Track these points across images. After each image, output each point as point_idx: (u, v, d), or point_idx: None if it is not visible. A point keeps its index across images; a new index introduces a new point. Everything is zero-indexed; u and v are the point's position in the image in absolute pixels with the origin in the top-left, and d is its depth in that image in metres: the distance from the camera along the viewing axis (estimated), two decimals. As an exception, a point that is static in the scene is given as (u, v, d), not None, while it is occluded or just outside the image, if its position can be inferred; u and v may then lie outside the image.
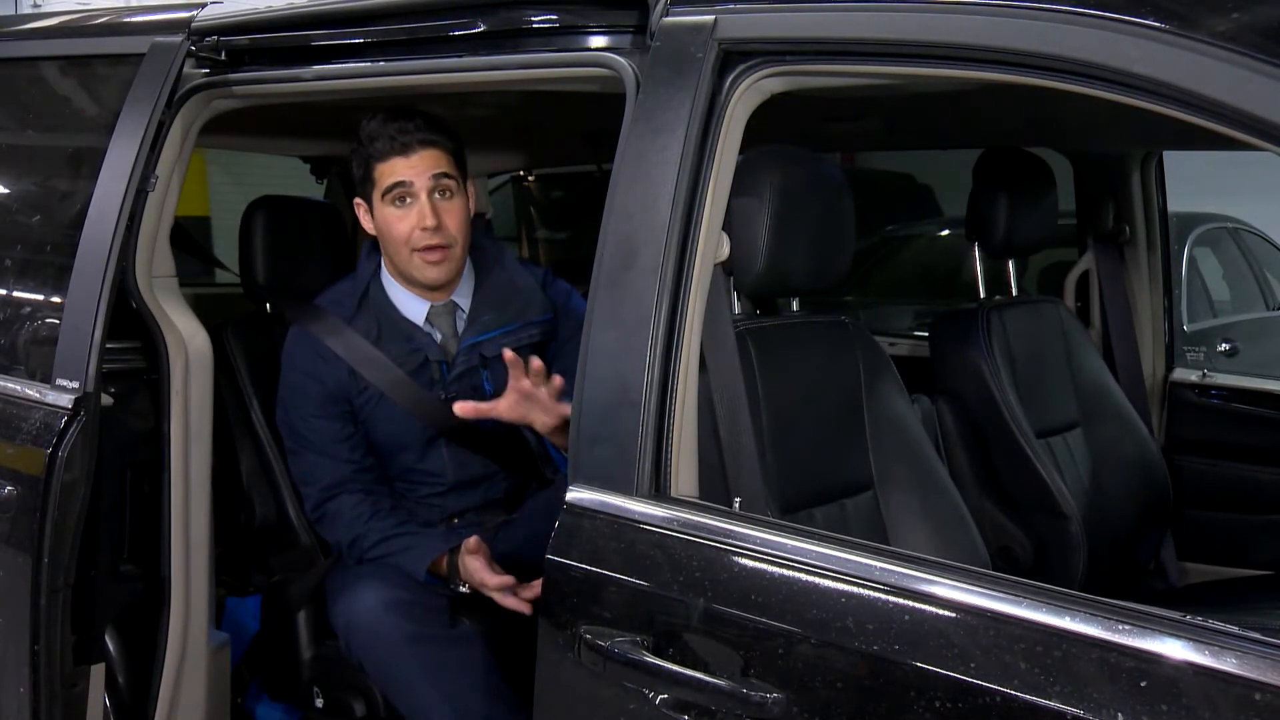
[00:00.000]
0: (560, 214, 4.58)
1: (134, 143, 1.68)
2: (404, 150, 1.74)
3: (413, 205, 1.75)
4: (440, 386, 1.84)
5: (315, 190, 2.92)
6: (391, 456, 1.88)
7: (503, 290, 1.88)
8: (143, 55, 1.73)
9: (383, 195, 1.76)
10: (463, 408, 1.62)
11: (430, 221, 1.74)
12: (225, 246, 2.28)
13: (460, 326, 1.86)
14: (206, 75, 1.70)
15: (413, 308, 1.85)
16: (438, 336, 1.85)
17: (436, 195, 1.76)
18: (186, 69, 1.70)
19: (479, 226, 2.87)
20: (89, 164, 1.75)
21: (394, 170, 1.74)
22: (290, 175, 2.98)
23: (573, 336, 1.88)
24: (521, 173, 3.70)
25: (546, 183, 4.43)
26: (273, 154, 2.81)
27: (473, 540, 1.76)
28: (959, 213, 2.54)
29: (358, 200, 1.83)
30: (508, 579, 1.70)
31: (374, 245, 1.89)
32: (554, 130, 2.44)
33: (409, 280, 1.82)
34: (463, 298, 1.87)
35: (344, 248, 2.31)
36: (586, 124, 2.27)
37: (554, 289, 1.94)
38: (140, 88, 1.71)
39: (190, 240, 2.02)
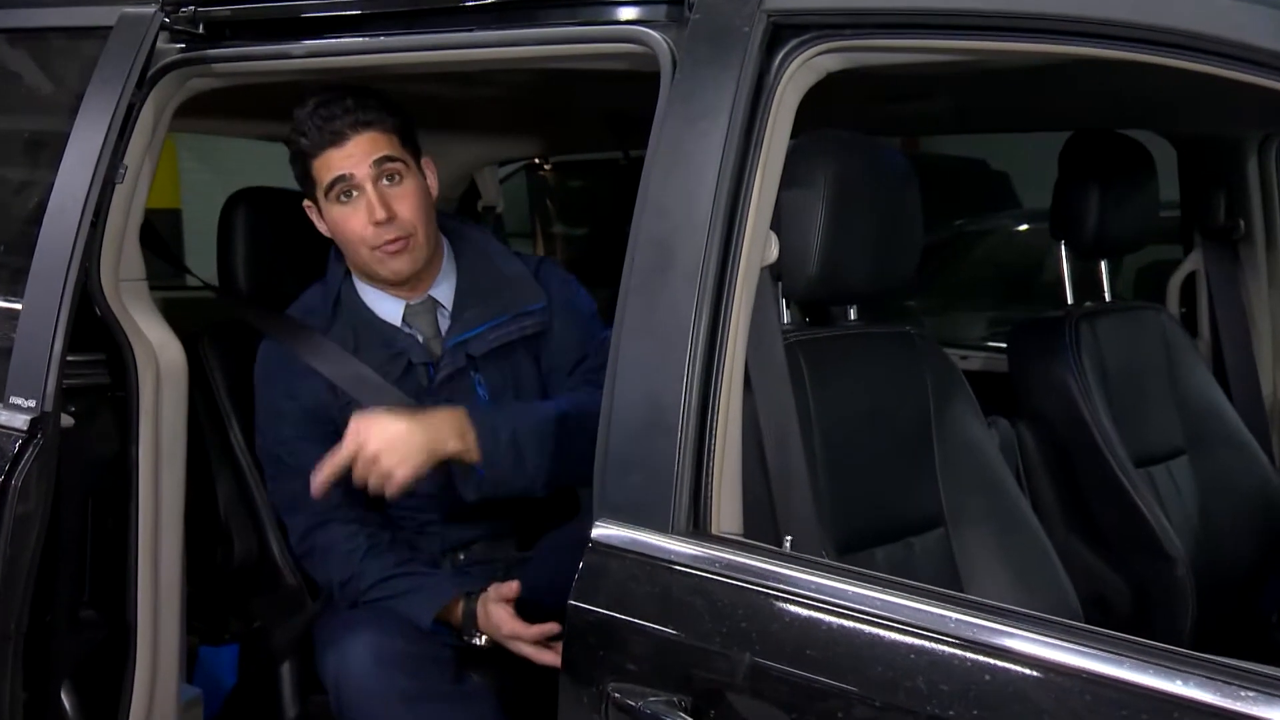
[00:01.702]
0: (580, 207, 4.60)
1: (100, 128, 1.71)
2: (336, 139, 1.75)
3: (359, 199, 1.77)
4: (428, 395, 1.86)
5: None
6: None
7: (488, 281, 1.90)
8: (109, 28, 1.77)
9: (325, 193, 1.79)
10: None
11: (380, 214, 1.75)
12: (199, 245, 2.31)
13: (444, 325, 1.88)
14: (182, 51, 1.73)
15: (387, 308, 1.87)
16: (420, 337, 1.88)
17: (384, 183, 1.77)
18: (159, 44, 1.73)
19: (488, 221, 2.91)
20: (48, 152, 1.79)
21: (330, 164, 1.76)
22: (275, 163, 3.02)
23: (568, 326, 1.90)
24: (536, 160, 3.73)
25: (564, 171, 4.46)
26: (255, 139, 2.85)
27: (507, 586, 1.76)
28: (1041, 204, 2.53)
29: (307, 203, 1.86)
30: (547, 627, 1.69)
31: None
32: (574, 113, 2.46)
33: (375, 279, 1.85)
34: (443, 292, 1.89)
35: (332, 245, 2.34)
36: (611, 105, 2.29)
37: (547, 275, 1.95)
38: (107, 65, 1.74)
39: (157, 239, 2.05)
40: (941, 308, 4.61)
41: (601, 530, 1.27)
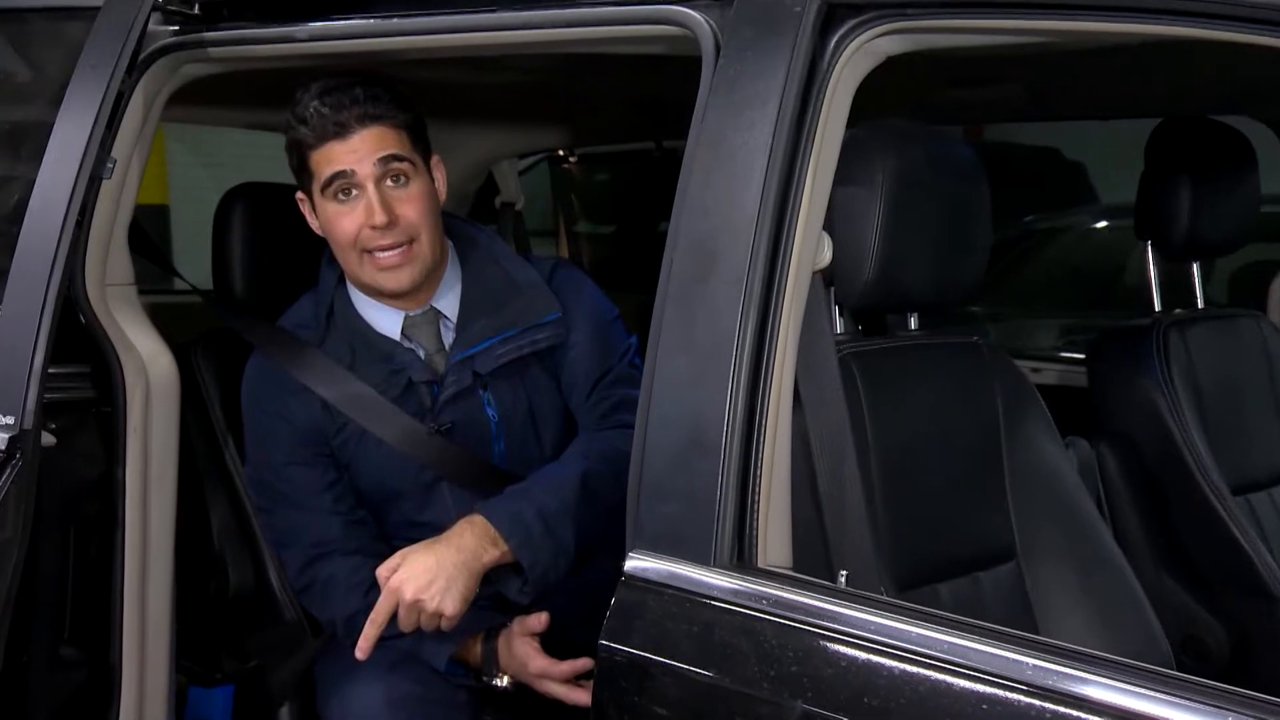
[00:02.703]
0: (608, 202, 4.62)
1: (85, 118, 1.73)
2: (340, 132, 1.74)
3: (358, 198, 1.76)
4: (431, 416, 1.86)
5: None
6: (386, 508, 1.91)
7: (497, 290, 1.89)
8: (96, 9, 1.79)
9: (322, 189, 1.77)
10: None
11: (380, 218, 1.74)
12: (189, 244, 2.33)
13: (448, 339, 1.89)
14: (176, 34, 1.76)
15: (384, 320, 1.87)
16: (422, 352, 1.88)
17: (388, 183, 1.76)
18: (151, 25, 1.76)
19: (506, 218, 2.92)
20: (29, 145, 1.81)
21: (331, 158, 1.75)
22: (275, 155, 3.05)
23: (587, 337, 1.90)
24: (560, 152, 3.75)
25: (590, 164, 4.48)
26: (252, 129, 2.88)
27: (534, 618, 1.77)
28: (1122, 198, 2.52)
29: (300, 195, 1.86)
30: (579, 663, 1.69)
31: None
32: (603, 100, 2.47)
33: (369, 289, 1.86)
34: (447, 303, 1.89)
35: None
36: (644, 91, 2.30)
37: (562, 280, 1.94)
38: (93, 50, 1.76)
39: (145, 239, 2.07)
40: (1010, 314, 4.59)
41: (636, 562, 1.28)
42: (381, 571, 1.68)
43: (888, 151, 1.43)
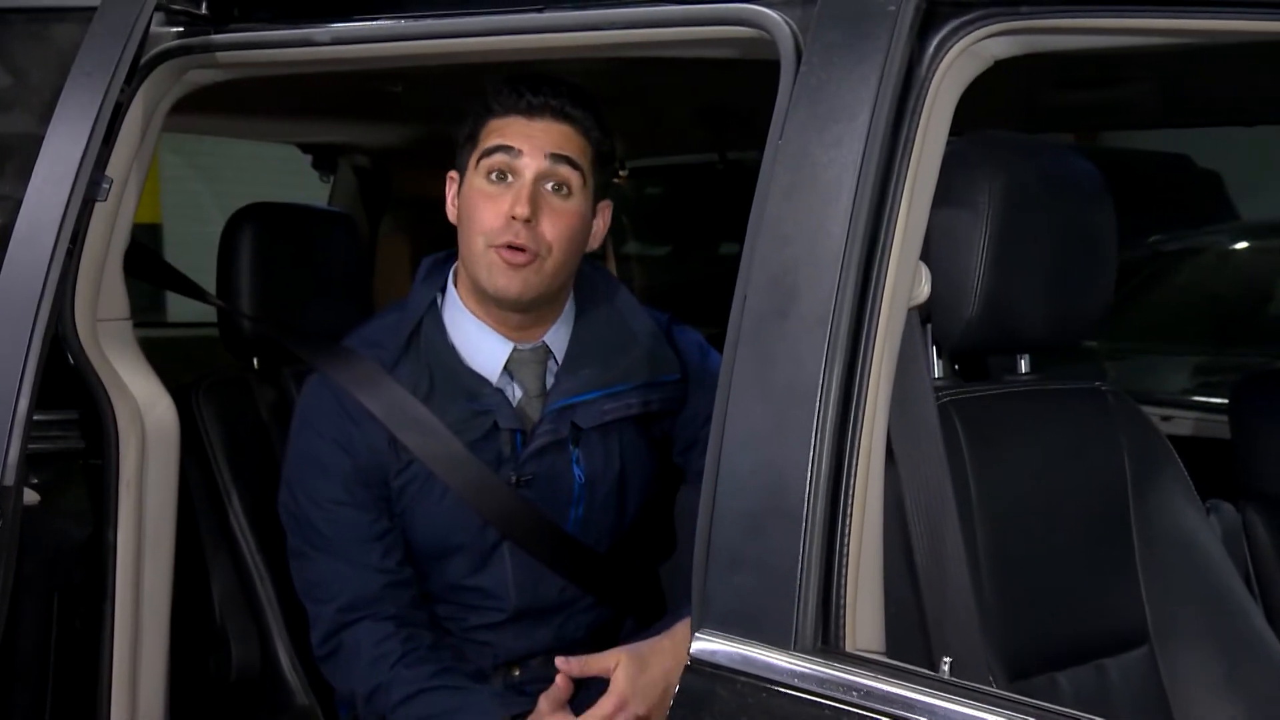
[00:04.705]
0: (662, 221, 4.64)
1: (79, 132, 1.76)
2: (531, 111, 1.81)
3: (510, 185, 1.80)
4: (511, 466, 1.88)
5: (317, 192, 3.03)
6: (436, 566, 1.91)
7: (611, 337, 1.92)
8: (92, 9, 1.82)
9: (480, 158, 1.82)
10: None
11: (523, 209, 1.77)
12: (182, 268, 2.33)
13: (549, 381, 1.91)
14: (181, 35, 1.80)
15: (487, 349, 1.89)
16: (515, 394, 1.89)
17: (548, 186, 1.81)
18: (154, 26, 1.79)
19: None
20: (15, 163, 1.84)
21: (505, 130, 1.81)
22: (283, 169, 3.10)
23: (701, 400, 1.90)
24: (610, 164, 3.80)
25: (642, 178, 4.50)
26: (259, 140, 2.93)
27: (555, 690, 1.77)
28: (1266, 213, 2.50)
29: (451, 174, 1.89)
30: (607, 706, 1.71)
31: (436, 263, 1.95)
32: (660, 107, 2.49)
33: (481, 295, 1.87)
34: (557, 341, 1.92)
35: (360, 275, 2.39)
36: (708, 98, 2.32)
37: (680, 336, 1.97)
38: (89, 54, 1.79)
39: (156, 264, 2.10)
40: (1133, 350, 4.54)
41: (704, 644, 1.28)
42: (618, 681, 1.71)
43: (994, 168, 1.44)
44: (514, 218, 1.78)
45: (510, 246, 1.79)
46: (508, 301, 1.84)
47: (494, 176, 1.81)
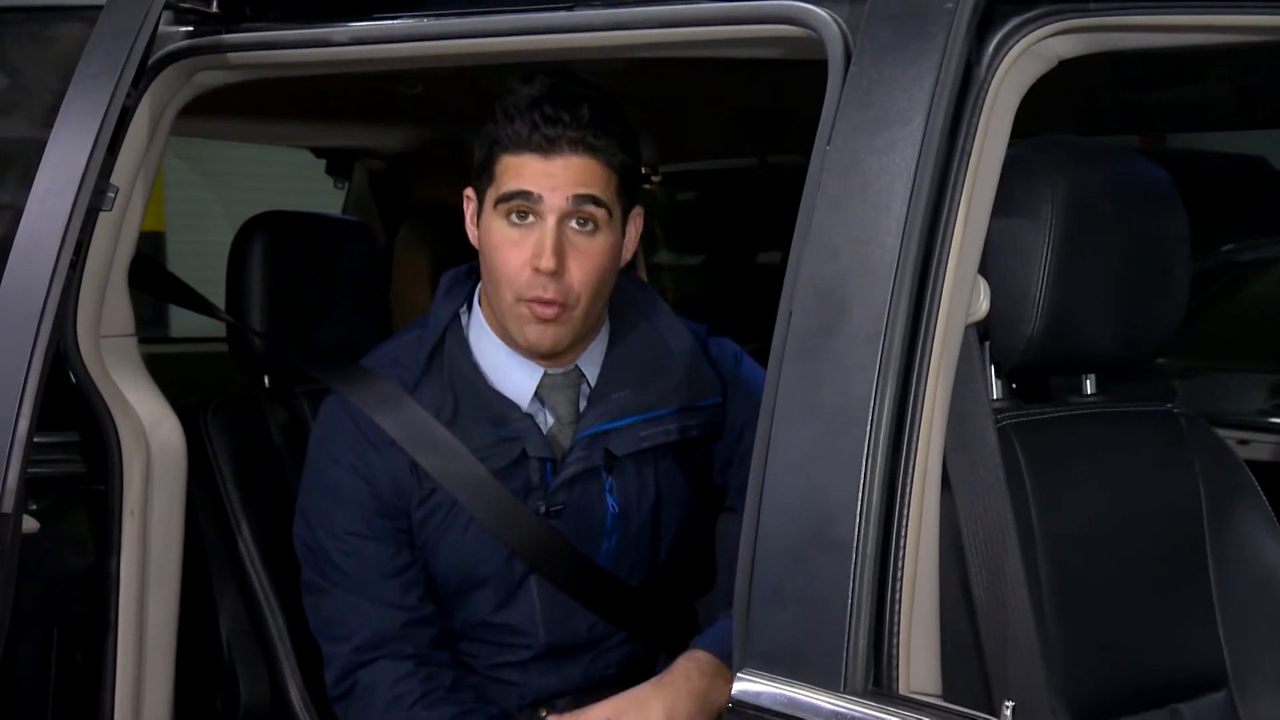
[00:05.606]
0: (696, 228, 4.65)
1: (84, 138, 1.77)
2: (546, 147, 1.76)
3: (533, 228, 1.78)
4: (540, 496, 1.88)
5: (330, 199, 3.05)
6: (459, 602, 1.92)
7: (648, 357, 1.92)
8: (98, 8, 1.84)
9: (498, 201, 1.80)
10: None
11: (548, 263, 1.76)
12: (186, 279, 2.34)
13: (582, 404, 1.91)
14: (190, 35, 1.81)
15: (515, 374, 1.89)
16: (546, 420, 1.89)
17: (573, 224, 1.79)
18: (162, 26, 1.80)
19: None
20: (15, 171, 1.86)
21: (521, 172, 1.78)
22: (294, 174, 3.11)
23: (741, 418, 1.91)
24: (642, 170, 3.80)
25: (674, 182, 4.51)
26: (271, 144, 2.95)
27: (573, 716, 1.78)
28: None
29: (468, 192, 1.88)
30: None
31: (458, 277, 1.95)
32: (695, 109, 2.50)
33: (508, 333, 1.87)
34: (590, 364, 1.91)
35: (377, 287, 2.40)
36: (745, 100, 2.32)
37: (719, 353, 1.97)
38: (95, 56, 1.81)
39: (161, 275, 2.10)
40: (1205, 367, 4.52)
41: (747, 685, 1.28)
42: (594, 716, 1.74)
43: (1057, 174, 1.43)
44: (537, 270, 1.77)
45: (539, 303, 1.79)
46: (541, 352, 1.85)
47: (515, 218, 1.79)
